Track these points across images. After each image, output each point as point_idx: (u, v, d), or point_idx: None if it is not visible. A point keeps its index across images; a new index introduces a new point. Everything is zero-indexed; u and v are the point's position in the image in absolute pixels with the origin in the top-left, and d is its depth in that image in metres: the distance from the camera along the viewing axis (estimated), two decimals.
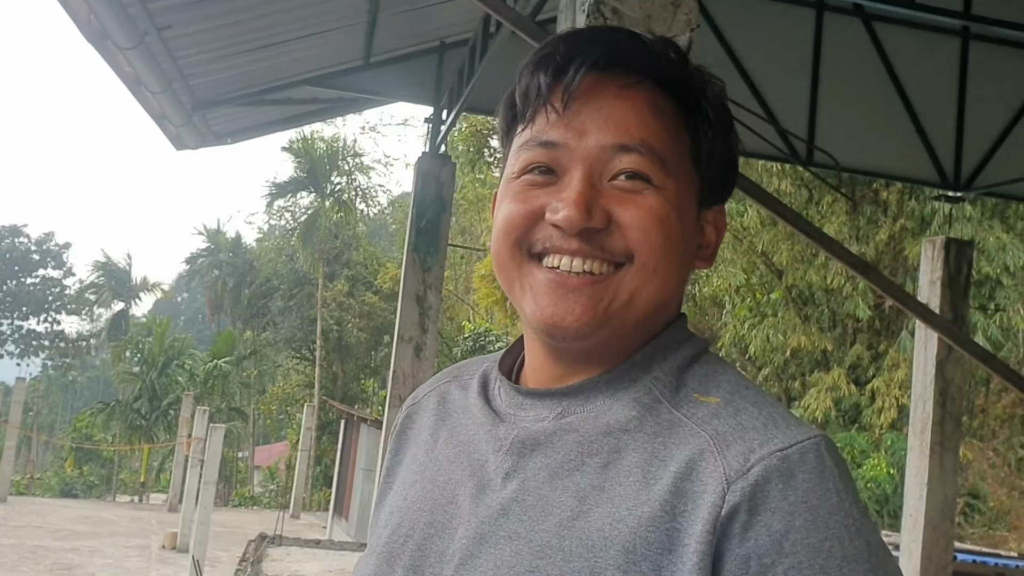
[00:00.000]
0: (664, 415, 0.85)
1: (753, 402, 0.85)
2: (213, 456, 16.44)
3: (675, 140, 0.90)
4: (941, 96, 7.81)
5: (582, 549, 0.80)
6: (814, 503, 0.77)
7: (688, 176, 0.91)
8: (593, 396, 0.89)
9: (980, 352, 6.10)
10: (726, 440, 0.80)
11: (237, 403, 37.55)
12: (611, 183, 0.88)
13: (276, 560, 7.76)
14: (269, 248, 38.95)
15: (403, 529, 0.92)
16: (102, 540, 20.22)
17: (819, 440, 0.80)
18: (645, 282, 0.87)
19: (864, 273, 4.90)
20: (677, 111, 0.91)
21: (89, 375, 59.31)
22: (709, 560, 0.76)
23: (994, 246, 14.59)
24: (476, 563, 0.84)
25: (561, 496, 0.83)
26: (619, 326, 0.88)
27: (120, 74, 6.00)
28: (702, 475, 0.79)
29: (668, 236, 0.87)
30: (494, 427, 0.92)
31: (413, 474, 0.98)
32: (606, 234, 0.87)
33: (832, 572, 0.75)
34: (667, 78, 0.90)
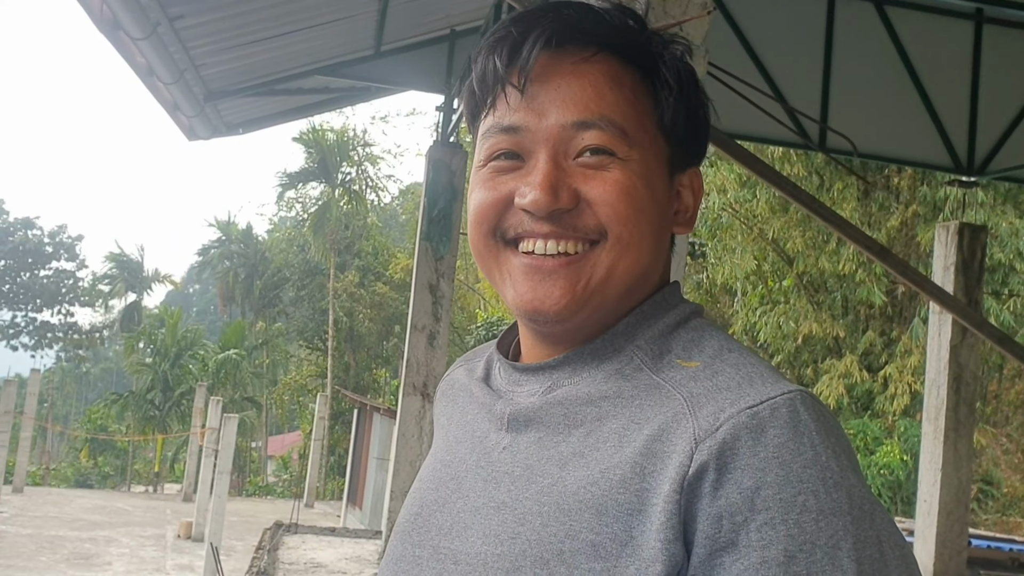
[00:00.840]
0: (644, 381, 0.85)
1: (733, 364, 0.83)
2: (227, 446, 16.52)
3: (636, 108, 0.89)
4: (954, 80, 7.76)
5: (558, 513, 0.81)
6: (786, 458, 0.75)
7: (653, 143, 0.90)
8: (579, 368, 0.89)
9: (996, 334, 6.08)
10: (699, 401, 0.80)
11: (250, 393, 37.70)
12: (576, 161, 0.87)
13: (292, 548, 7.81)
14: (280, 239, 39.04)
15: (414, 508, 0.96)
16: (118, 530, 20.37)
17: (794, 395, 0.78)
18: (621, 256, 0.87)
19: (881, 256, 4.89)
20: (637, 78, 0.90)
21: (102, 366, 59.61)
22: (677, 520, 0.76)
23: (1007, 231, 14.51)
24: (468, 533, 0.86)
25: (545, 466, 0.85)
26: (600, 303, 0.88)
27: (132, 64, 6.01)
28: (673, 436, 0.79)
29: (637, 207, 0.87)
30: (493, 405, 0.93)
31: (430, 458, 1.02)
32: (576, 213, 0.87)
33: (807, 526, 0.74)
34: (622, 47, 0.89)
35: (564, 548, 0.79)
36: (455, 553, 0.87)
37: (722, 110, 4.25)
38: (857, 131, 7.52)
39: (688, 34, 2.73)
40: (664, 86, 0.90)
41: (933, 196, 14.99)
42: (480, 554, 0.84)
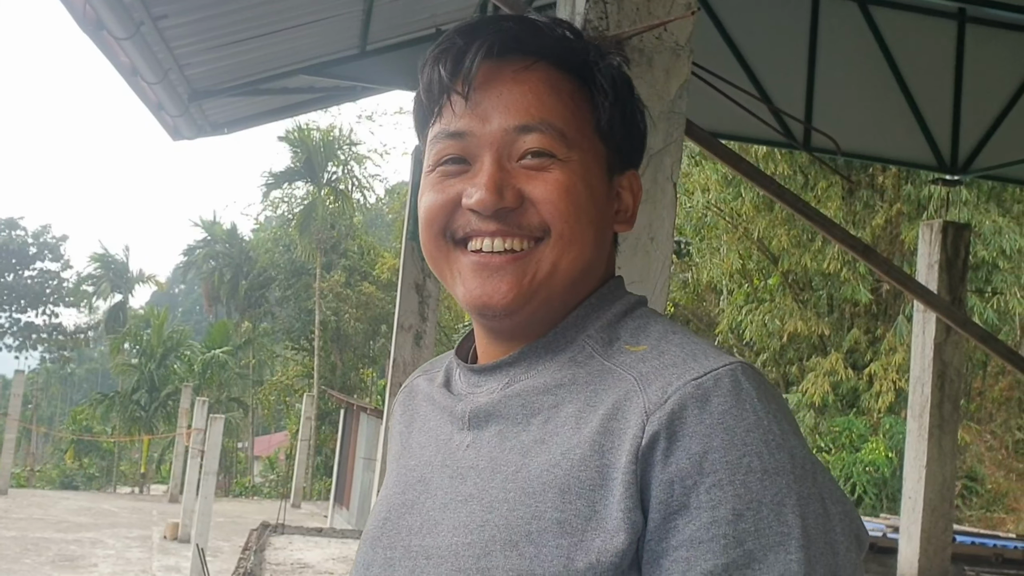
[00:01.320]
0: (596, 367, 0.90)
1: (678, 344, 0.89)
2: (213, 446, 16.47)
3: (574, 114, 0.94)
4: (938, 80, 7.80)
5: (524, 497, 0.85)
6: (730, 423, 0.80)
7: (592, 146, 0.95)
8: (534, 361, 0.94)
9: (979, 332, 6.12)
10: (648, 379, 0.85)
11: (236, 394, 37.57)
12: (519, 163, 0.92)
13: (279, 548, 7.79)
14: (266, 239, 38.91)
15: (382, 514, 0.99)
16: (103, 531, 20.26)
17: (735, 366, 0.84)
18: (564, 251, 0.92)
19: (864, 255, 4.92)
20: (575, 86, 0.95)
21: (87, 367, 59.30)
22: (635, 490, 0.81)
23: (990, 230, 14.60)
24: (438, 529, 0.90)
25: (508, 455, 0.89)
26: (546, 296, 0.93)
27: (116, 64, 5.99)
28: (626, 412, 0.84)
29: (578, 205, 0.92)
30: (454, 407, 0.98)
31: (392, 466, 1.05)
32: (520, 212, 0.91)
33: (753, 486, 0.79)
34: (560, 56, 0.94)
35: (532, 528, 0.83)
36: (427, 549, 0.90)
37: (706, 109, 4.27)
38: (841, 130, 7.55)
39: (673, 34, 2.74)
40: (600, 92, 0.96)
41: (917, 195, 15.07)
42: (451, 545, 0.87)
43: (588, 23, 2.69)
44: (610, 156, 0.97)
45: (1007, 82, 7.94)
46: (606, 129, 0.96)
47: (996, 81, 7.93)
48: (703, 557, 0.78)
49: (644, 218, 2.82)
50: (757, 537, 0.78)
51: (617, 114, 0.97)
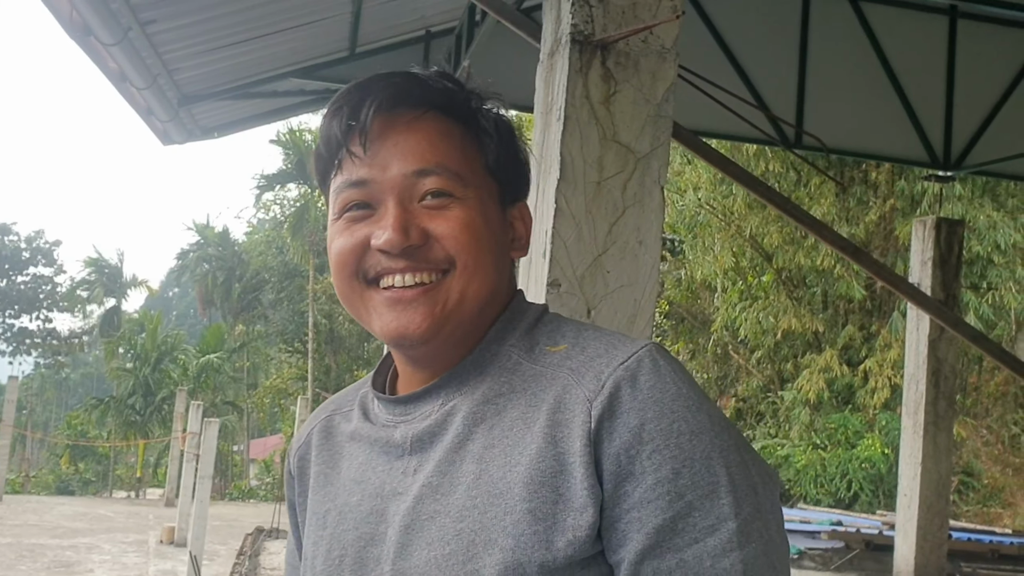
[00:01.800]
0: (527, 371, 0.99)
1: (594, 338, 0.99)
2: (208, 450, 16.41)
3: (465, 155, 1.02)
4: (930, 76, 7.80)
5: (491, 498, 0.92)
6: (657, 396, 0.92)
7: (484, 183, 1.04)
8: (465, 379, 1.01)
9: (970, 331, 6.12)
10: (580, 372, 0.95)
11: (231, 397, 37.52)
12: (420, 204, 1.00)
13: (274, 553, 7.77)
14: (259, 241, 38.86)
15: (335, 553, 1.02)
16: (99, 536, 20.22)
17: (651, 347, 0.96)
18: (470, 280, 1.00)
19: (854, 256, 4.90)
20: (463, 131, 1.04)
21: (82, 372, 59.18)
22: (592, 468, 0.91)
23: (984, 224, 14.61)
24: (410, 549, 0.95)
25: (462, 466, 0.96)
26: (458, 322, 1.00)
27: (104, 70, 5.96)
28: (569, 404, 0.93)
29: (478, 238, 1.00)
30: (389, 437, 1.03)
31: (322, 505, 1.07)
32: (426, 248, 0.99)
33: (684, 446, 0.91)
34: (447, 106, 1.03)
35: (506, 523, 0.91)
36: (402, 570, 0.95)
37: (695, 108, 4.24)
38: (834, 127, 7.54)
39: (659, 38, 2.72)
40: (486, 135, 1.05)
41: (911, 190, 15.08)
42: (430, 560, 0.93)
43: (574, 27, 2.67)
44: (501, 191, 1.06)
45: (999, 78, 7.94)
46: (495, 166, 1.05)
47: (988, 77, 7.93)
48: (653, 514, 0.90)
49: (633, 222, 2.80)
50: (693, 489, 0.90)
51: (503, 152, 1.06)
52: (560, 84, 2.68)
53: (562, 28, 2.73)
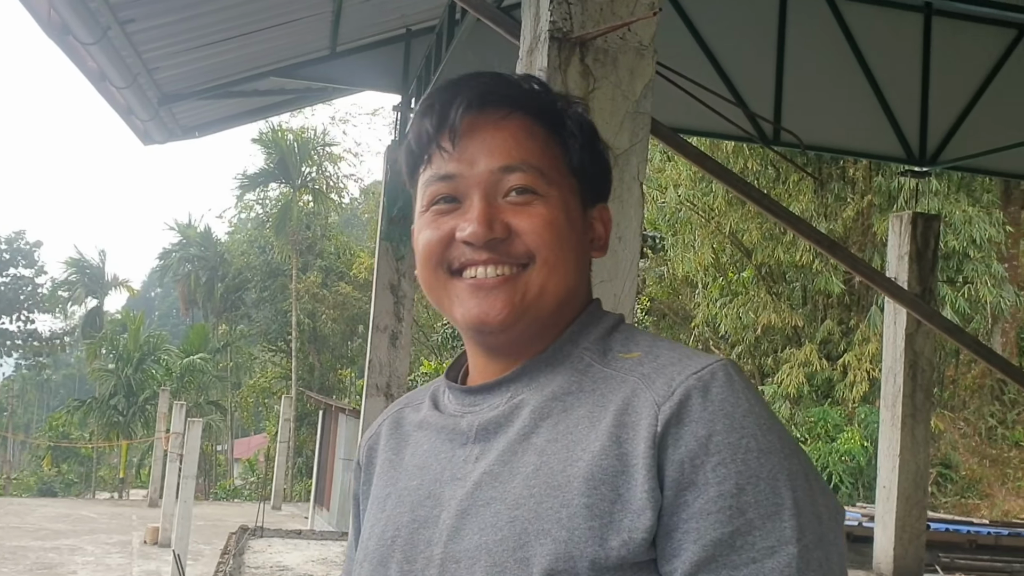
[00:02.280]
0: (598, 373, 1.01)
1: (668, 348, 1.01)
2: (192, 450, 16.37)
3: (549, 155, 1.06)
4: (905, 73, 7.88)
5: (550, 490, 0.93)
6: (729, 409, 0.92)
7: (567, 182, 1.07)
8: (535, 375, 1.04)
9: (945, 324, 6.19)
10: (651, 378, 0.96)
11: (214, 397, 37.35)
12: (505, 199, 1.03)
13: (258, 552, 7.77)
14: (241, 241, 38.69)
15: (388, 533, 1.04)
16: (82, 538, 20.11)
17: (725, 362, 0.96)
18: (550, 275, 1.03)
19: (831, 251, 4.97)
20: (547, 131, 1.07)
21: (64, 373, 58.76)
22: (654, 472, 0.91)
23: (960, 219, 14.75)
24: (462, 534, 0.96)
25: (524, 457, 0.97)
26: (536, 315, 1.03)
27: (84, 70, 5.95)
28: (637, 407, 0.94)
29: (559, 235, 1.03)
30: (457, 424, 1.05)
31: (384, 490, 1.10)
32: (508, 242, 1.03)
33: (751, 463, 0.90)
34: (532, 107, 1.07)
35: (562, 515, 0.92)
36: (454, 554, 0.96)
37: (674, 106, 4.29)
38: (811, 124, 7.62)
39: (636, 34, 2.76)
40: (570, 136, 1.08)
41: (888, 186, 15.20)
42: (481, 545, 0.94)
43: (552, 24, 2.71)
44: (583, 191, 1.08)
45: (973, 74, 8.03)
46: (578, 167, 1.08)
47: (962, 73, 8.02)
48: (712, 527, 0.89)
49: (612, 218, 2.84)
50: (757, 507, 0.89)
51: (586, 154, 1.08)
52: None
53: (541, 25, 2.76)
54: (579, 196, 1.08)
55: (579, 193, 1.08)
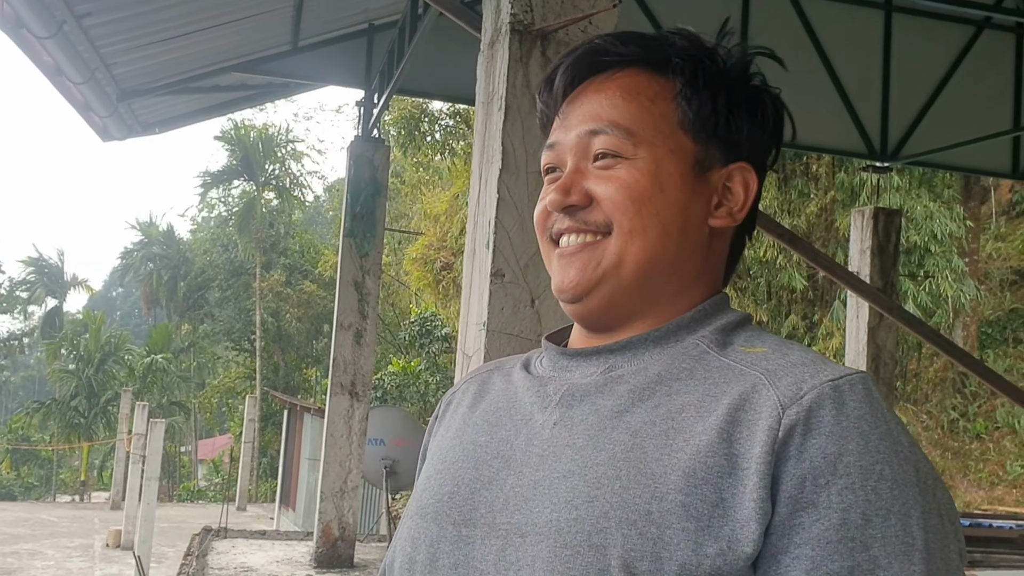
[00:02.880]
0: (713, 363, 0.91)
1: (800, 349, 0.91)
2: (154, 451, 16.18)
3: (650, 112, 0.98)
4: (866, 69, 7.96)
5: (641, 477, 0.84)
6: (865, 429, 0.81)
7: (671, 143, 0.97)
8: (640, 352, 0.96)
9: (906, 316, 6.26)
10: (777, 375, 0.86)
11: (177, 397, 37.00)
12: (593, 165, 0.98)
13: (222, 553, 7.69)
14: (204, 239, 38.35)
15: (446, 487, 0.95)
16: (42, 542, 19.83)
17: (865, 375, 0.86)
18: (628, 243, 0.96)
19: (792, 244, 4.99)
20: (657, 87, 0.99)
21: (23, 375, 57.92)
22: (768, 481, 0.80)
23: (922, 215, 14.94)
24: (531, 505, 0.87)
25: (612, 434, 0.88)
26: (617, 285, 0.97)
27: (39, 64, 5.84)
28: (756, 404, 0.84)
29: (639, 200, 0.96)
30: (542, 388, 0.98)
31: (449, 441, 1.02)
32: (589, 210, 0.97)
33: (883, 493, 0.80)
34: (642, 60, 1.00)
35: (652, 509, 0.82)
36: (519, 526, 0.87)
37: None
38: None
39: (597, 27, 2.74)
40: (689, 88, 0.99)
41: (851, 182, 15.36)
42: (552, 521, 0.85)
43: (513, 16, 2.69)
44: (701, 151, 0.98)
45: (933, 70, 8.12)
46: (695, 124, 0.98)
47: (923, 69, 8.12)
48: (830, 558, 0.79)
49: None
50: (884, 544, 0.79)
51: (714, 109, 0.98)
52: (500, 74, 2.70)
53: (502, 18, 2.74)
54: (692, 157, 0.98)
55: (693, 154, 0.98)
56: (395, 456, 8.87)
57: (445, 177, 21.92)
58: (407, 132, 18.62)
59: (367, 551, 8.01)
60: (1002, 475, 15.96)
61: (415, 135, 18.67)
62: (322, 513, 7.26)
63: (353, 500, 7.24)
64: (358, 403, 7.30)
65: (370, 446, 8.04)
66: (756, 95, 1.02)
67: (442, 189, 21.77)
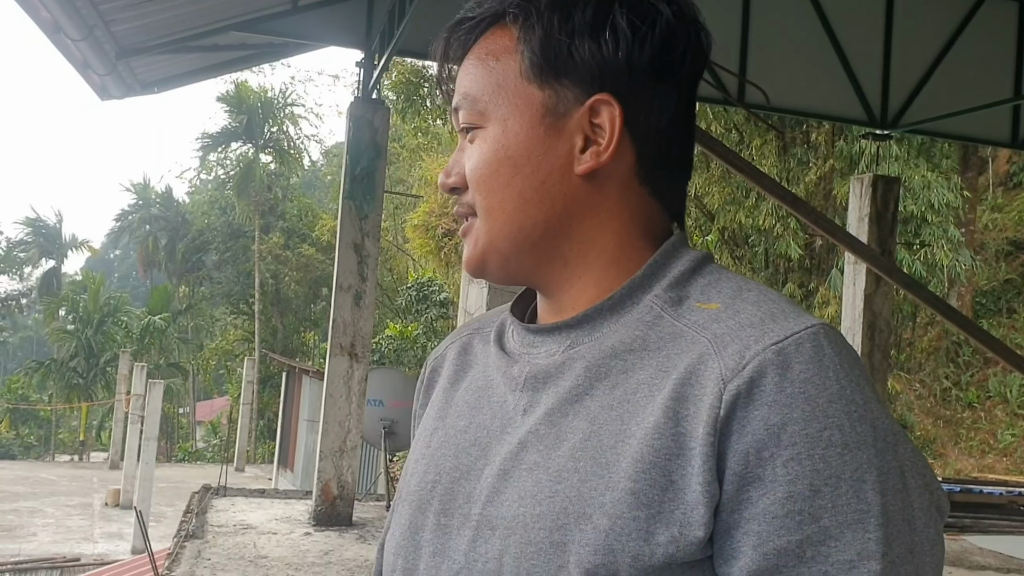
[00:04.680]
0: (667, 328, 0.85)
1: (754, 301, 0.84)
2: (153, 412, 16.30)
3: (494, 72, 0.90)
4: (868, 36, 7.94)
5: (596, 467, 0.81)
6: (812, 392, 0.76)
7: (514, 99, 0.89)
8: (599, 323, 0.89)
9: (904, 279, 6.30)
10: (723, 341, 0.80)
11: (176, 359, 37.12)
12: (467, 141, 0.93)
13: (221, 510, 7.77)
14: (202, 201, 38.28)
15: (430, 476, 0.94)
16: (42, 500, 20.00)
17: (817, 329, 0.79)
18: (489, 223, 0.91)
19: (794, 206, 5.02)
20: (509, 39, 0.90)
21: (21, 335, 58.00)
22: (712, 462, 0.77)
23: (920, 184, 14.93)
24: (502, 498, 0.86)
25: (573, 421, 0.85)
26: (501, 260, 0.92)
27: (37, 20, 5.82)
28: (701, 378, 0.79)
29: (489, 176, 0.90)
30: (509, 368, 0.93)
31: (433, 422, 1.00)
32: (466, 192, 0.93)
33: (833, 460, 0.75)
34: (499, 14, 0.91)
35: (604, 500, 0.79)
36: (490, 519, 0.86)
37: None
38: (774, 86, 7.65)
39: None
40: (527, 30, 0.89)
41: (850, 151, 15.32)
42: (518, 516, 0.84)
43: None
44: (550, 96, 0.88)
45: (934, 38, 8.11)
46: (532, 68, 0.88)
47: (924, 37, 8.10)
48: (776, 532, 0.75)
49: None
50: (834, 514, 0.75)
51: (545, 47, 0.88)
52: None
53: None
54: (540, 105, 0.88)
55: (540, 103, 0.88)
56: (394, 417, 8.95)
57: (445, 143, 21.85)
58: (406, 97, 18.55)
59: (365, 510, 8.11)
60: (993, 443, 16.11)
61: (414, 100, 18.60)
62: (321, 472, 7.34)
63: (352, 459, 7.32)
64: (357, 364, 7.35)
65: (369, 407, 8.11)
66: (600, 11, 0.87)
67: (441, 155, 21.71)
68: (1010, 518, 9.57)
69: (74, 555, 14.95)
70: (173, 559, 6.08)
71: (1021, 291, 17.72)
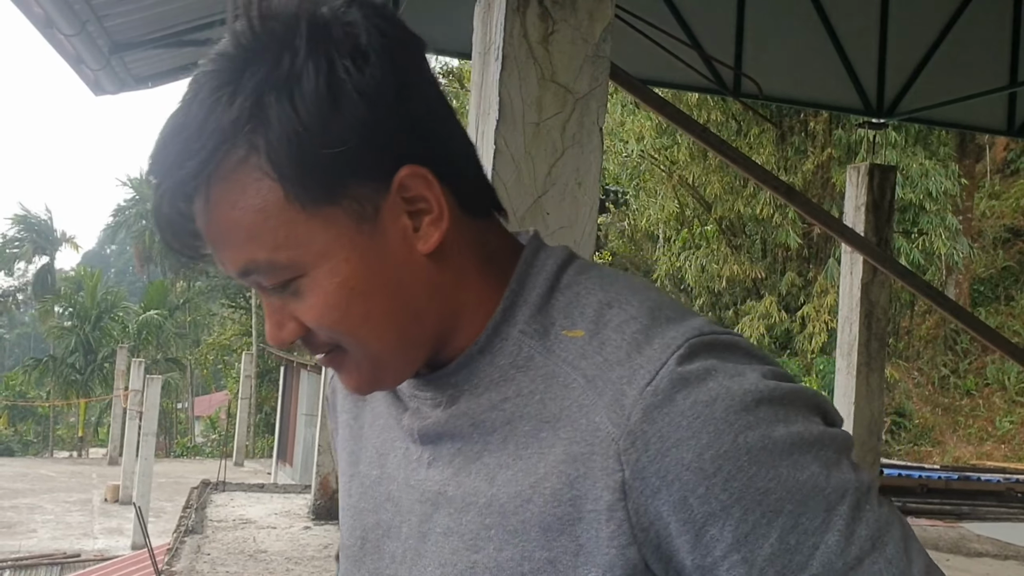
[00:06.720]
0: (539, 369, 0.80)
1: (617, 326, 0.79)
2: (151, 407, 16.29)
3: (274, 218, 0.77)
4: (864, 23, 7.91)
5: (507, 535, 0.78)
6: (706, 413, 0.73)
7: (318, 228, 0.77)
8: (475, 369, 0.83)
9: (899, 269, 6.29)
10: (596, 385, 0.77)
11: (173, 354, 37.11)
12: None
13: (220, 505, 7.77)
14: None
15: (357, 532, 0.93)
16: (41, 496, 20.00)
17: (683, 349, 0.75)
18: (365, 346, 0.81)
19: (789, 198, 5.01)
20: (254, 174, 0.76)
21: (18, 332, 57.98)
22: (627, 526, 0.75)
23: (917, 172, 14.93)
24: (423, 562, 0.84)
25: (475, 482, 0.81)
26: (393, 368, 0.84)
27: (29, 15, 5.78)
28: (586, 434, 0.76)
29: (344, 311, 0.79)
30: (400, 416, 0.89)
31: (349, 467, 0.97)
32: (312, 335, 0.83)
33: (763, 460, 0.73)
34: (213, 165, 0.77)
35: (524, 570, 0.77)
36: None
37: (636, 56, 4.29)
38: (770, 75, 7.63)
39: None
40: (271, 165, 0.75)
41: (847, 139, 15.34)
42: None
43: None
44: (349, 207, 0.76)
45: (930, 26, 8.08)
46: (312, 196, 0.75)
47: (920, 24, 8.07)
48: (757, 544, 0.73)
49: (572, 163, 2.84)
50: (790, 498, 0.73)
51: (313, 164, 0.74)
52: (498, 23, 2.70)
53: None
54: (348, 219, 0.77)
55: (346, 214, 0.76)
56: None
57: None
58: None
59: None
60: (991, 431, 16.13)
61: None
62: (320, 466, 7.34)
63: None
64: None
65: None
66: (327, 82, 0.74)
67: None
68: (1008, 505, 9.60)
69: (74, 551, 14.96)
70: (173, 554, 6.08)
71: (1019, 278, 17.74)
